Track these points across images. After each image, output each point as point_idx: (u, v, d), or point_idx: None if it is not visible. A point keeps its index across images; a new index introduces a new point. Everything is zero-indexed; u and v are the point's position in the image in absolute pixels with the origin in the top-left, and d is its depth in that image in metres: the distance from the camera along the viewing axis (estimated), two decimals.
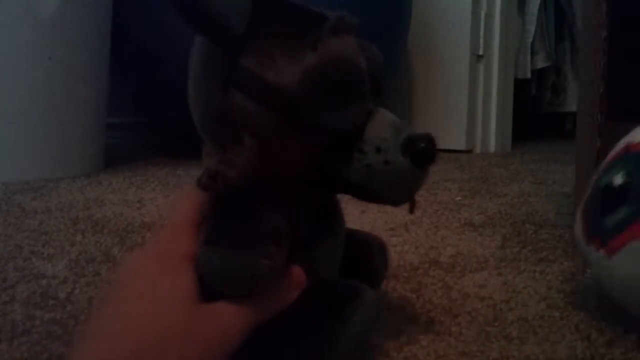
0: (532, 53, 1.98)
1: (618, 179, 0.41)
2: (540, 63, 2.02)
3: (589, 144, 0.60)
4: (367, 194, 0.36)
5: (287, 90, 0.30)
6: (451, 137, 1.79)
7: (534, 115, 2.21)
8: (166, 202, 0.94)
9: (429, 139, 0.35)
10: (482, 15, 1.75)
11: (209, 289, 0.30)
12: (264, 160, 0.31)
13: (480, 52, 1.77)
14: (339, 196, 0.40)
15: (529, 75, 1.98)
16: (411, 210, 0.38)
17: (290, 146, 0.33)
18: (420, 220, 0.82)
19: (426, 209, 0.90)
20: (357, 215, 0.82)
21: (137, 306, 0.28)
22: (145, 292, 0.29)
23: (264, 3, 0.31)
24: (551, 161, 1.51)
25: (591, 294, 0.51)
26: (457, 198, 1.00)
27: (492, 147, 1.83)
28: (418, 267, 0.59)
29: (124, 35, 1.34)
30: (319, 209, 0.38)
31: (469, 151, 1.79)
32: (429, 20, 1.80)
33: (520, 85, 2.00)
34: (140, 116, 1.72)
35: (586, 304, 0.48)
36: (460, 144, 1.78)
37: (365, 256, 0.45)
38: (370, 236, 0.47)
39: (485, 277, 0.56)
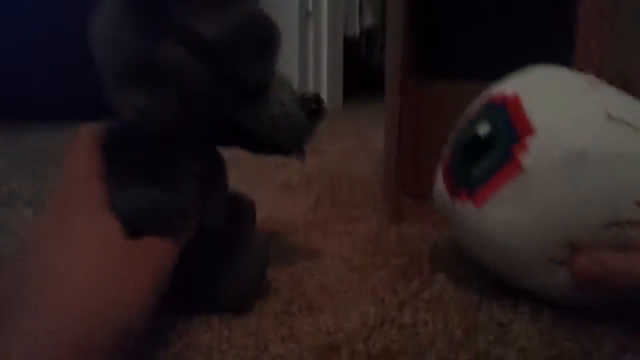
0: (361, 11, 2.01)
1: (483, 129, 0.40)
2: (369, 21, 2.06)
3: (394, 102, 0.60)
4: (267, 143, 0.40)
5: (212, 40, 0.33)
6: None
7: (366, 73, 2.27)
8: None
9: (319, 99, 0.41)
10: None
11: (131, 229, 0.31)
12: (183, 107, 0.34)
13: (310, 9, 1.75)
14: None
15: (357, 33, 2.02)
16: (301, 159, 0.43)
17: (209, 95, 0.35)
18: (237, 183, 0.77)
19: (245, 170, 0.85)
20: None
21: (74, 256, 0.29)
22: (77, 239, 0.29)
23: None
24: (377, 118, 1.55)
25: (391, 252, 0.50)
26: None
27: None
28: None
29: None
30: (213, 158, 0.42)
31: None
32: None
33: (350, 44, 2.03)
34: None
35: (386, 264, 0.48)
36: None
37: (233, 207, 0.47)
38: (240, 194, 0.50)
39: (292, 242, 0.53)
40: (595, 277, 0.35)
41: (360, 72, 2.20)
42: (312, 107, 0.40)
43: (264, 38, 0.37)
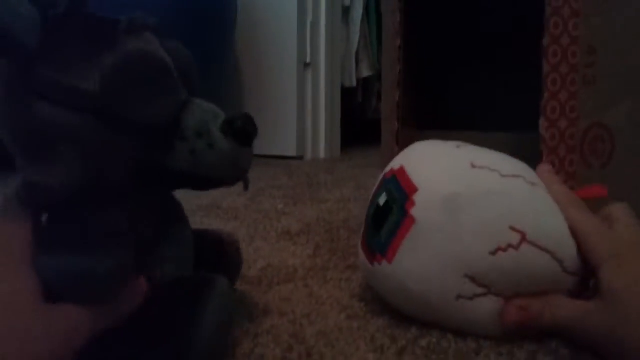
0: (357, 62, 2.06)
1: (382, 199, 0.46)
2: (365, 72, 2.11)
3: (390, 150, 0.62)
4: (198, 180, 0.37)
5: (90, 91, 0.31)
6: (282, 143, 1.80)
7: (363, 122, 2.31)
8: None
9: (247, 117, 0.37)
10: (309, 24, 1.79)
11: (54, 294, 0.30)
12: (86, 164, 0.31)
13: (308, 60, 1.80)
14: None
15: (354, 83, 2.06)
16: (246, 187, 0.40)
17: (108, 146, 0.32)
18: (237, 231, 0.79)
19: (245, 219, 0.87)
20: None
21: None
22: None
23: (56, 16, 0.31)
24: (374, 166, 1.57)
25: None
26: (279, 206, 0.98)
27: (322, 153, 1.87)
28: None
29: None
30: (158, 209, 0.38)
31: (300, 157, 1.82)
32: (256, 29, 1.79)
33: (347, 93, 2.07)
34: None
35: (384, 312, 0.48)
36: (292, 151, 1.80)
37: (219, 252, 0.47)
38: (221, 233, 0.48)
39: (291, 290, 0.54)
40: (523, 322, 0.40)
41: (357, 121, 2.24)
42: (240, 129, 0.36)
43: (144, 74, 0.33)
